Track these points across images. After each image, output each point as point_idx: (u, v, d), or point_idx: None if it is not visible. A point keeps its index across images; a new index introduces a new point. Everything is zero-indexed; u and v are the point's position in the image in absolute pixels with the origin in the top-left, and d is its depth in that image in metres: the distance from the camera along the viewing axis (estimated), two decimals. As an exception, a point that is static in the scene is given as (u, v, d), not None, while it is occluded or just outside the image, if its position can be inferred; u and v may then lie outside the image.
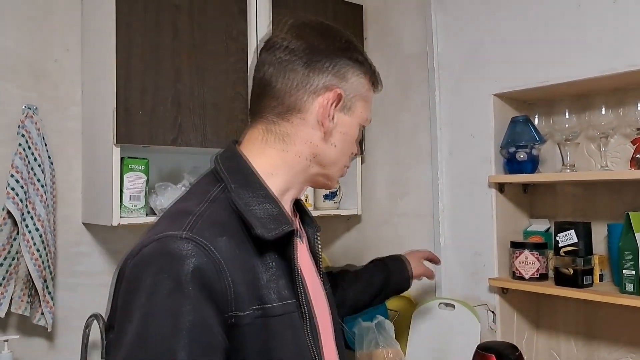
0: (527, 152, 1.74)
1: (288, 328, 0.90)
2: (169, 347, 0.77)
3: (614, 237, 1.59)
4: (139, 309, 0.79)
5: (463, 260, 1.90)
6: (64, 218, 1.80)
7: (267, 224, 0.91)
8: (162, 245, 0.82)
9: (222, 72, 1.79)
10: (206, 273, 0.81)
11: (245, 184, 0.94)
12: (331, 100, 0.97)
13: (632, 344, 1.65)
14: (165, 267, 0.80)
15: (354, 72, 1.01)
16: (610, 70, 1.52)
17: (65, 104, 1.81)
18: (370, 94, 1.07)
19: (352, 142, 1.05)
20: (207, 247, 0.83)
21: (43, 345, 1.75)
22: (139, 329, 0.79)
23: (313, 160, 1.01)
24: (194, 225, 0.85)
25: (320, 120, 0.98)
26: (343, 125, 1.01)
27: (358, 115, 1.03)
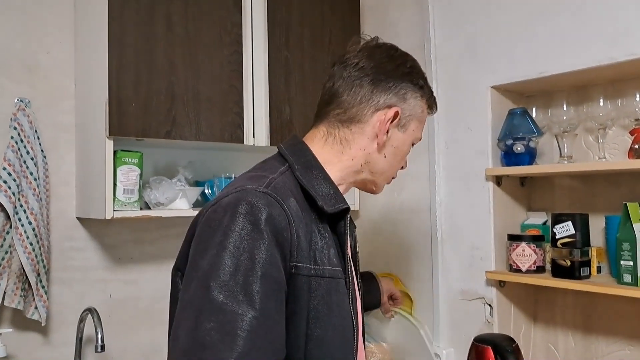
0: (525, 144, 1.72)
1: (335, 291, 1.01)
2: (244, 279, 0.86)
3: (612, 228, 1.58)
4: (216, 246, 0.89)
5: (460, 254, 1.88)
6: (58, 212, 1.79)
7: (327, 199, 1.04)
8: (242, 195, 0.93)
9: (216, 64, 1.77)
10: (278, 222, 0.92)
11: (308, 167, 1.08)
12: (389, 116, 1.11)
13: (630, 336, 1.64)
14: (244, 212, 0.91)
15: (413, 94, 1.14)
16: (608, 60, 1.51)
17: (58, 97, 1.79)
18: (425, 116, 1.20)
19: (402, 157, 1.19)
20: (280, 202, 0.95)
21: (37, 339, 1.74)
22: (214, 262, 0.87)
23: (365, 166, 1.14)
24: (270, 184, 0.98)
25: (377, 132, 1.11)
26: (396, 140, 1.14)
27: (411, 133, 1.16)
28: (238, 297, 0.85)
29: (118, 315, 1.89)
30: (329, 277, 1.00)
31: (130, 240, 1.92)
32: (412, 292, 2.05)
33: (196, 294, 0.87)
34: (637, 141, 1.52)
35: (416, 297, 2.04)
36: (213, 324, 0.84)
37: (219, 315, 0.84)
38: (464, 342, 1.80)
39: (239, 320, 0.84)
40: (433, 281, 1.95)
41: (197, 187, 1.91)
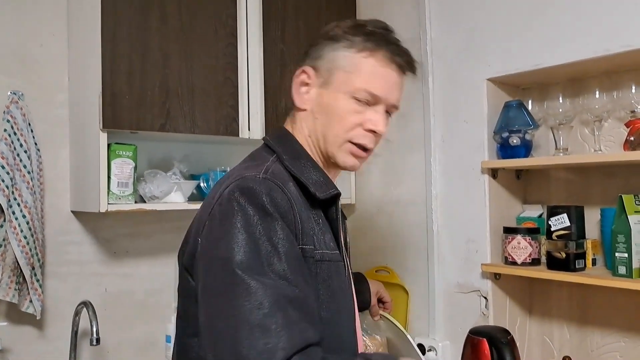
0: (521, 137, 1.72)
1: (335, 274, 1.03)
2: (268, 261, 0.88)
3: (607, 221, 1.57)
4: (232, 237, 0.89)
5: (456, 247, 1.88)
6: (53, 206, 1.78)
7: (318, 186, 1.05)
8: (243, 183, 0.95)
9: (211, 57, 1.76)
10: (281, 205, 0.94)
11: (296, 157, 1.08)
12: (297, 76, 1.12)
13: (625, 329, 1.64)
14: (248, 200, 0.92)
15: (332, 48, 1.10)
16: (604, 51, 1.50)
17: (51, 90, 1.78)
18: (362, 64, 1.08)
19: (341, 114, 1.08)
20: (280, 186, 0.96)
21: (32, 333, 1.74)
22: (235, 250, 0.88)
23: (311, 138, 1.12)
24: (268, 170, 0.99)
25: (295, 97, 1.12)
26: (320, 98, 1.10)
27: (338, 86, 1.08)
28: (269, 276, 0.88)
29: (113, 309, 1.88)
30: (329, 260, 1.02)
31: (125, 234, 1.92)
32: (408, 286, 2.05)
33: (223, 281, 0.88)
34: (632, 133, 1.52)
35: (412, 290, 2.03)
36: (250, 304, 0.85)
37: (255, 295, 0.85)
38: (459, 334, 1.80)
39: (276, 295, 0.86)
40: (429, 274, 1.95)
41: (192, 180, 1.91)
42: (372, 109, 1.10)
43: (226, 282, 0.88)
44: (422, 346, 1.90)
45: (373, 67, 1.08)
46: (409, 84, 2.08)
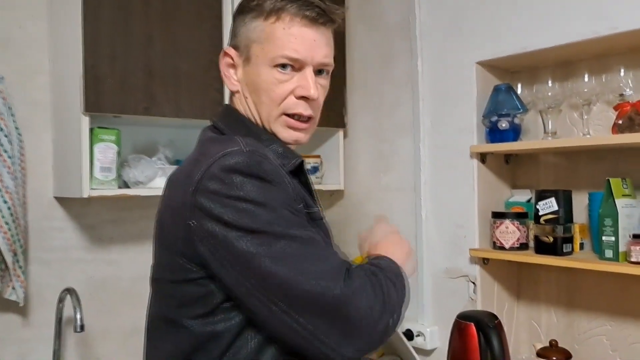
0: (509, 120, 1.71)
1: (327, 228, 1.06)
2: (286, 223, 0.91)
3: (595, 205, 1.57)
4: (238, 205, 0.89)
5: (444, 232, 1.88)
6: (35, 191, 1.75)
7: (282, 158, 1.02)
8: (234, 157, 0.92)
9: (195, 39, 1.73)
10: (275, 173, 0.94)
11: (248, 133, 1.03)
12: (221, 59, 1.09)
13: (611, 313, 1.64)
14: (245, 171, 0.91)
15: (243, 23, 1.05)
16: (592, 34, 1.49)
17: (32, 73, 1.74)
18: (273, 30, 1.02)
19: (266, 89, 1.03)
20: (265, 156, 0.95)
21: (16, 320, 1.71)
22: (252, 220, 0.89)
23: (251, 115, 1.08)
24: (246, 145, 0.95)
25: (225, 82, 1.09)
26: (246, 76, 1.06)
27: (257, 60, 1.04)
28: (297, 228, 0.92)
29: (99, 295, 1.86)
30: (320, 218, 1.04)
31: (110, 220, 1.89)
32: (397, 271, 2.04)
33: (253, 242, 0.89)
34: (620, 116, 1.51)
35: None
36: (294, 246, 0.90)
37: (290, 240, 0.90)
38: (448, 319, 1.79)
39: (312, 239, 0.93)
40: (417, 259, 1.94)
41: (177, 165, 1.88)
42: (298, 74, 1.03)
43: (265, 242, 0.89)
44: (411, 331, 1.89)
45: (284, 30, 1.01)
46: (397, 67, 2.07)
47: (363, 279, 0.93)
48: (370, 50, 2.17)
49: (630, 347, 1.60)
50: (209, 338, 0.95)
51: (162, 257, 1.04)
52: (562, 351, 1.55)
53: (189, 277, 0.96)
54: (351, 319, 0.89)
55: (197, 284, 0.95)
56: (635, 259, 1.39)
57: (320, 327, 0.88)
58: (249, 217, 0.89)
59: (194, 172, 0.93)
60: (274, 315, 0.89)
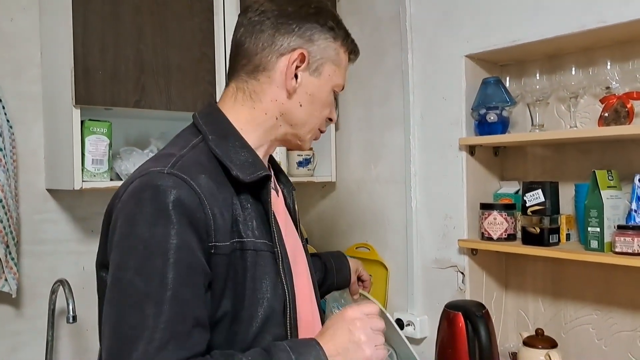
0: (498, 113, 1.72)
1: (261, 264, 0.98)
2: (157, 268, 0.85)
3: (581, 196, 1.59)
4: (127, 237, 0.88)
5: (434, 223, 1.90)
6: (27, 184, 1.76)
7: (244, 168, 0.99)
8: (148, 180, 0.90)
9: (187, 32, 1.73)
10: (188, 203, 0.89)
11: (223, 136, 1.02)
12: (293, 59, 1.03)
13: (597, 302, 1.67)
14: (150, 198, 0.88)
15: (323, 36, 1.06)
16: (580, 27, 1.51)
17: (23, 66, 1.74)
18: (343, 60, 1.10)
19: (322, 105, 1.09)
20: (188, 181, 0.90)
21: (8, 312, 1.72)
22: (127, 253, 0.87)
23: (281, 119, 1.06)
24: (176, 163, 0.93)
25: (284, 78, 1.03)
26: (310, 86, 1.06)
27: (327, 78, 1.07)
28: (152, 286, 0.84)
29: (91, 287, 1.85)
30: (254, 249, 0.97)
31: (102, 213, 1.87)
32: (387, 262, 2.06)
33: (114, 287, 0.87)
34: (607, 109, 1.53)
35: (391, 267, 2.05)
36: (131, 318, 0.84)
37: (136, 308, 0.84)
38: (437, 309, 1.81)
39: (156, 309, 0.83)
40: (407, 250, 1.97)
41: (169, 158, 1.89)
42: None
43: (116, 288, 0.87)
44: (401, 321, 1.92)
45: (345, 62, 1.12)
46: (388, 60, 2.08)
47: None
48: (360, 43, 2.13)
49: (615, 336, 1.63)
50: None
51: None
52: (549, 340, 1.58)
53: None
54: None
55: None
56: (620, 249, 1.42)
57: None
58: (124, 256, 0.87)
59: (123, 185, 0.96)
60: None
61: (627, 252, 1.40)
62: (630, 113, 1.49)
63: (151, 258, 0.86)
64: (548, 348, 1.53)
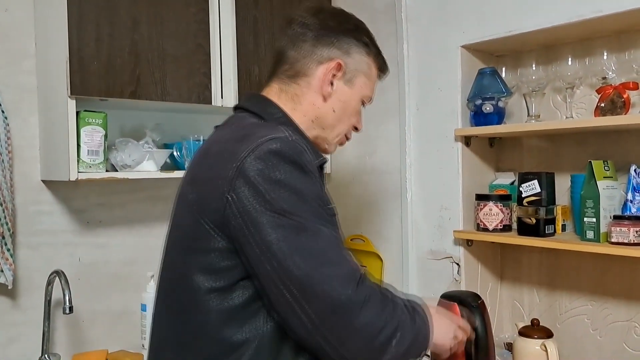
0: (494, 104, 1.72)
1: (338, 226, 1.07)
2: (318, 210, 0.98)
3: (577, 186, 1.59)
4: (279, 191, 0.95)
5: (429, 215, 1.90)
6: (22, 175, 1.75)
7: (313, 153, 1.06)
8: (280, 143, 0.98)
9: (182, 22, 1.73)
10: (311, 165, 1.01)
11: (284, 124, 1.10)
12: (331, 67, 1.14)
13: (592, 292, 1.68)
14: (290, 157, 0.97)
15: (358, 50, 1.18)
16: (577, 17, 1.51)
17: (18, 57, 1.73)
18: (373, 74, 1.23)
19: (351, 113, 1.20)
20: (306, 149, 1.02)
21: (5, 303, 1.72)
22: (287, 203, 0.95)
23: (315, 122, 1.17)
24: (291, 134, 1.03)
25: (321, 84, 1.14)
26: (343, 94, 1.17)
27: (358, 89, 1.19)
28: (324, 222, 0.98)
29: (87, 278, 1.87)
30: (335, 215, 1.07)
31: (98, 204, 1.90)
32: (382, 253, 2.07)
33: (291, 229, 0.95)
34: (603, 99, 1.53)
35: (386, 258, 2.05)
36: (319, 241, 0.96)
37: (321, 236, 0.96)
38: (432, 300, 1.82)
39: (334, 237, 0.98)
40: (402, 242, 1.97)
41: (165, 149, 1.88)
42: None
43: (294, 228, 0.95)
44: (396, 312, 1.92)
45: (375, 77, 1.24)
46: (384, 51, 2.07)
47: (374, 293, 0.98)
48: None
49: (610, 326, 1.64)
50: (227, 312, 0.99)
51: (186, 224, 1.05)
52: (544, 330, 1.58)
53: (213, 245, 0.99)
54: (352, 325, 0.95)
55: (222, 254, 0.99)
56: (615, 239, 1.42)
57: (325, 324, 0.94)
58: (285, 202, 0.95)
59: (240, 149, 0.98)
60: (285, 301, 0.95)
61: (622, 242, 1.41)
62: (627, 103, 1.49)
63: (310, 201, 0.97)
64: (544, 338, 1.53)
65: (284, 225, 0.94)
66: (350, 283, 0.95)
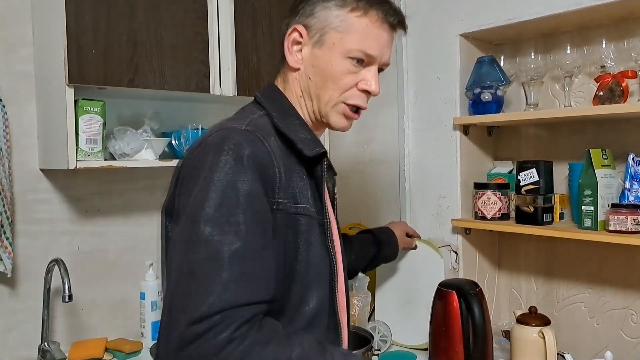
0: (492, 92, 1.73)
1: (312, 229, 1.04)
2: (229, 212, 0.90)
3: (575, 175, 1.60)
4: (201, 182, 0.93)
5: (427, 203, 1.90)
6: (20, 164, 1.74)
7: (305, 144, 1.06)
8: (226, 133, 0.97)
9: (179, 10, 1.71)
10: (261, 158, 0.96)
11: (285, 114, 1.09)
12: (289, 35, 1.10)
13: (590, 280, 1.69)
14: (227, 149, 0.94)
15: (324, 6, 1.09)
16: (575, 5, 1.50)
17: (15, 45, 1.72)
18: (354, 25, 1.07)
19: (336, 75, 1.08)
20: (262, 139, 0.98)
21: (3, 291, 1.72)
22: (201, 197, 0.92)
23: (303, 96, 1.12)
24: (251, 123, 1.02)
25: (288, 56, 1.11)
26: (313, 59, 1.09)
27: (331, 47, 1.08)
28: (224, 229, 0.89)
29: (86, 267, 1.88)
30: (308, 215, 1.04)
31: (96, 193, 1.89)
32: (381, 242, 2.07)
33: (185, 229, 0.92)
34: (601, 88, 1.53)
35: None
36: (201, 255, 0.88)
37: (206, 247, 0.88)
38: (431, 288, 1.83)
39: (226, 250, 0.88)
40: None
41: (163, 138, 1.88)
42: (366, 69, 1.10)
43: (187, 229, 0.92)
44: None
45: (367, 27, 1.08)
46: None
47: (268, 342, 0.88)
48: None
49: (607, 314, 1.65)
50: None
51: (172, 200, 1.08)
52: (542, 317, 1.59)
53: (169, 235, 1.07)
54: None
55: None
56: (613, 227, 1.43)
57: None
58: (200, 204, 0.91)
59: (199, 139, 1.03)
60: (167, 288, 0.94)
61: (620, 230, 1.42)
62: (625, 92, 1.49)
63: (225, 201, 0.91)
64: (541, 325, 1.54)
65: (183, 223, 0.93)
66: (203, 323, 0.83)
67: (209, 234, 0.89)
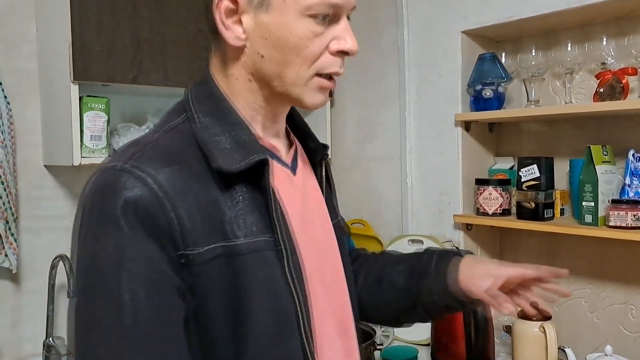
0: (494, 89, 1.73)
1: (259, 267, 0.79)
2: (110, 288, 0.70)
3: (576, 171, 1.61)
4: (76, 253, 0.75)
5: (429, 200, 1.92)
6: (25, 161, 1.76)
7: (232, 154, 0.79)
8: (99, 179, 0.75)
9: (182, 7, 1.73)
10: (143, 206, 0.72)
11: (215, 110, 0.83)
12: (219, 6, 0.80)
13: (590, 276, 1.70)
14: (99, 202, 0.73)
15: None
16: (576, 2, 1.51)
17: (19, 42, 1.73)
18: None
19: (298, 45, 0.80)
20: (145, 178, 0.73)
21: (8, 287, 1.74)
22: (79, 267, 0.74)
23: (254, 79, 0.84)
24: (138, 155, 0.76)
25: (223, 33, 0.80)
26: (263, 28, 0.80)
27: (282, 6, 0.78)
28: (105, 311, 0.71)
29: (90, 263, 1.89)
30: (248, 252, 0.78)
31: (100, 189, 1.90)
32: (383, 237, 2.08)
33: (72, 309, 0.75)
34: (602, 85, 1.54)
35: (386, 243, 2.07)
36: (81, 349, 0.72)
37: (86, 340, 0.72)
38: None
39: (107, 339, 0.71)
40: (403, 226, 1.99)
41: (166, 134, 1.89)
42: (334, 25, 0.82)
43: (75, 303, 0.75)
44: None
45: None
46: (384, 36, 2.08)
47: None
48: (356, 18, 2.15)
49: (608, 309, 1.67)
50: None
51: None
52: (542, 312, 1.60)
53: None
54: None
55: None
56: (613, 223, 1.44)
57: None
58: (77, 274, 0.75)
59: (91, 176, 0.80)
60: None
61: (620, 226, 1.43)
62: (625, 88, 1.50)
63: (101, 277, 0.71)
64: (542, 320, 1.56)
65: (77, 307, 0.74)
66: None
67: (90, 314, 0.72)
